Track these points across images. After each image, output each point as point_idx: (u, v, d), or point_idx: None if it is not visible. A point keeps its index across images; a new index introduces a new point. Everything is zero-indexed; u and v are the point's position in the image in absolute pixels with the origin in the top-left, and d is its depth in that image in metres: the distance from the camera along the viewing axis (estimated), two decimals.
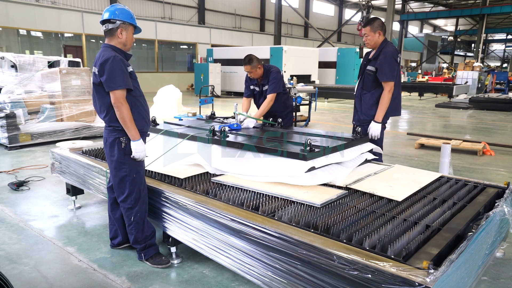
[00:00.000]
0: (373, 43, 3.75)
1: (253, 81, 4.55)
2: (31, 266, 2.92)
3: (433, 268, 1.69)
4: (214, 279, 2.75)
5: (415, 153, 7.04)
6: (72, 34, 18.09)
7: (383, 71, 3.66)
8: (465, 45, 52.14)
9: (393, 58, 3.67)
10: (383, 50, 3.71)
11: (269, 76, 4.35)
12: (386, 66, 3.65)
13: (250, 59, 4.23)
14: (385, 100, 3.71)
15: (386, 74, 3.66)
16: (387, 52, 3.68)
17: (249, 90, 4.60)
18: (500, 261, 3.03)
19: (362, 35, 3.78)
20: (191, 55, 23.66)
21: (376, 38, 3.72)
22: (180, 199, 2.72)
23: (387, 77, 3.66)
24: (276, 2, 22.28)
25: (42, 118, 7.17)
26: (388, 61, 3.65)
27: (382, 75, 3.67)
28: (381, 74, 3.68)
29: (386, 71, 3.65)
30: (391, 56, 3.66)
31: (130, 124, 2.71)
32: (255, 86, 4.56)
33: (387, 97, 3.71)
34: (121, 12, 2.75)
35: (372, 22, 3.71)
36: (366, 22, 3.74)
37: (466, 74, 21.07)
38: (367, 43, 3.76)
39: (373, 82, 3.78)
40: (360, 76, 3.98)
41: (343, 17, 34.63)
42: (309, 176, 2.82)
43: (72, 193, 4.04)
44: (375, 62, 3.74)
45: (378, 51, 3.74)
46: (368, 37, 3.74)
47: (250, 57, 4.24)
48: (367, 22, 3.73)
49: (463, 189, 2.96)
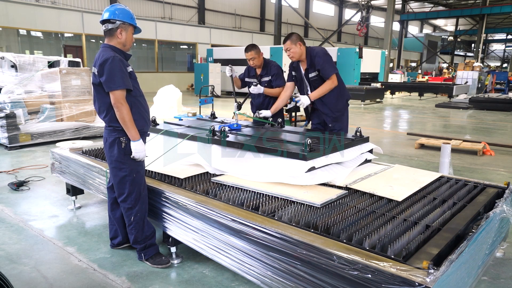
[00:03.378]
0: (298, 55, 3.94)
1: (251, 73, 4.70)
2: (31, 266, 2.92)
3: (433, 268, 1.69)
4: (214, 279, 2.75)
5: (415, 153, 7.04)
6: (72, 34, 18.09)
7: (325, 69, 3.87)
8: (465, 45, 52.14)
9: (325, 53, 3.92)
10: (312, 54, 3.91)
11: (269, 69, 4.57)
12: (326, 64, 3.87)
13: (253, 45, 4.51)
14: (326, 87, 3.90)
15: (329, 69, 3.88)
16: (318, 52, 3.90)
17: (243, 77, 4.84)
18: (500, 261, 3.03)
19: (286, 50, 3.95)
20: (191, 55, 23.66)
21: (298, 49, 3.90)
22: (180, 199, 2.72)
23: (331, 71, 3.88)
24: (276, 2, 22.28)
25: (42, 118, 7.17)
26: (323, 59, 3.87)
27: (327, 73, 3.88)
28: (325, 72, 3.88)
29: (327, 67, 3.88)
30: (323, 53, 3.90)
31: (130, 124, 2.71)
32: (252, 78, 4.69)
33: (329, 86, 3.90)
34: (121, 12, 2.75)
35: (289, 37, 3.90)
36: (285, 39, 3.94)
37: (466, 74, 21.07)
38: (292, 56, 3.94)
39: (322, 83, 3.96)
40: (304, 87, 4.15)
41: (343, 17, 34.63)
42: (309, 176, 2.82)
43: (72, 193, 4.04)
44: (312, 68, 3.95)
45: (309, 58, 3.94)
46: (291, 51, 3.90)
47: (253, 44, 4.53)
48: (285, 39, 3.93)
49: (463, 189, 2.96)
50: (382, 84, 19.21)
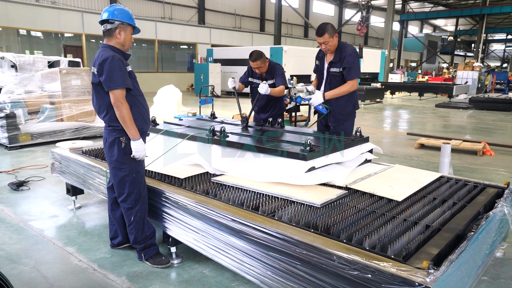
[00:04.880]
0: (333, 48, 3.83)
1: (256, 74, 4.61)
2: (31, 266, 2.92)
3: (433, 268, 1.69)
4: (214, 279, 2.75)
5: (415, 153, 7.04)
6: (72, 34, 18.09)
7: (351, 71, 3.79)
8: (465, 45, 52.13)
9: (357, 57, 3.83)
10: (344, 50, 3.80)
11: (274, 72, 4.48)
12: (354, 66, 3.78)
13: (259, 54, 4.34)
14: (344, 89, 3.82)
15: (354, 72, 3.79)
16: (351, 52, 3.80)
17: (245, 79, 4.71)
18: (500, 261, 3.03)
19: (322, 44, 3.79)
20: (191, 55, 23.65)
21: (335, 41, 3.81)
22: (180, 199, 2.72)
23: (354, 75, 3.79)
24: (276, 2, 22.28)
25: (42, 118, 7.17)
26: (352, 60, 3.78)
27: (351, 75, 3.79)
28: (350, 74, 3.79)
29: (354, 70, 3.78)
30: (355, 55, 3.82)
31: (129, 124, 2.71)
32: (257, 79, 4.59)
33: (347, 89, 3.82)
34: (120, 12, 2.74)
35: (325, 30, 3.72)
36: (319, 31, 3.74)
37: (466, 74, 21.07)
38: (327, 49, 3.81)
39: (340, 82, 3.88)
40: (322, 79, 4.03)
41: (343, 17, 34.62)
42: (309, 176, 2.82)
43: (72, 193, 4.04)
44: (339, 64, 3.83)
45: (338, 53, 3.83)
46: (329, 44, 3.76)
47: (259, 53, 4.36)
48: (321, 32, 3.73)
49: (463, 189, 2.96)
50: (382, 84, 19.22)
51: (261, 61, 4.35)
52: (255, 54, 4.34)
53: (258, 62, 4.35)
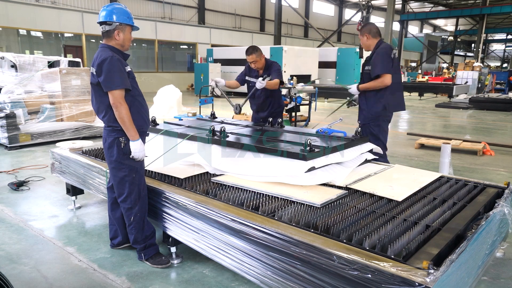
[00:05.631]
0: (367, 47, 4.09)
1: (253, 73, 4.63)
2: (31, 266, 2.92)
3: (433, 268, 1.69)
4: (214, 279, 2.75)
5: (415, 153, 7.04)
6: (72, 34, 18.09)
7: (374, 67, 3.94)
8: (465, 45, 52.12)
9: (385, 54, 3.93)
10: (375, 50, 4.01)
11: (271, 69, 4.53)
12: (377, 61, 3.93)
13: (254, 48, 4.44)
14: (374, 83, 3.96)
15: (376, 67, 3.92)
16: (379, 50, 3.98)
17: (242, 77, 4.75)
18: (500, 261, 3.03)
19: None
20: (191, 55, 23.65)
21: (364, 41, 4.08)
22: (180, 199, 2.72)
23: (378, 70, 3.91)
24: (276, 2, 22.26)
25: (42, 118, 7.17)
26: (379, 57, 3.92)
27: (374, 71, 3.94)
28: (373, 69, 3.95)
29: (377, 65, 3.92)
30: (383, 52, 3.93)
31: (129, 124, 2.70)
32: (254, 77, 4.61)
33: (377, 84, 3.95)
34: (118, 12, 2.73)
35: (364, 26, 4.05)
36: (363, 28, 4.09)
37: (466, 74, 21.06)
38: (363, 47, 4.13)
39: (370, 79, 4.02)
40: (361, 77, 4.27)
41: (343, 17, 34.62)
42: (309, 176, 2.82)
43: (72, 193, 4.04)
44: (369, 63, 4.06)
45: (373, 52, 4.05)
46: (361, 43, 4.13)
47: (254, 47, 4.46)
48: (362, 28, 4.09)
49: (463, 189, 2.96)
50: None
51: (256, 55, 4.40)
52: (250, 48, 4.43)
53: (254, 56, 4.39)
